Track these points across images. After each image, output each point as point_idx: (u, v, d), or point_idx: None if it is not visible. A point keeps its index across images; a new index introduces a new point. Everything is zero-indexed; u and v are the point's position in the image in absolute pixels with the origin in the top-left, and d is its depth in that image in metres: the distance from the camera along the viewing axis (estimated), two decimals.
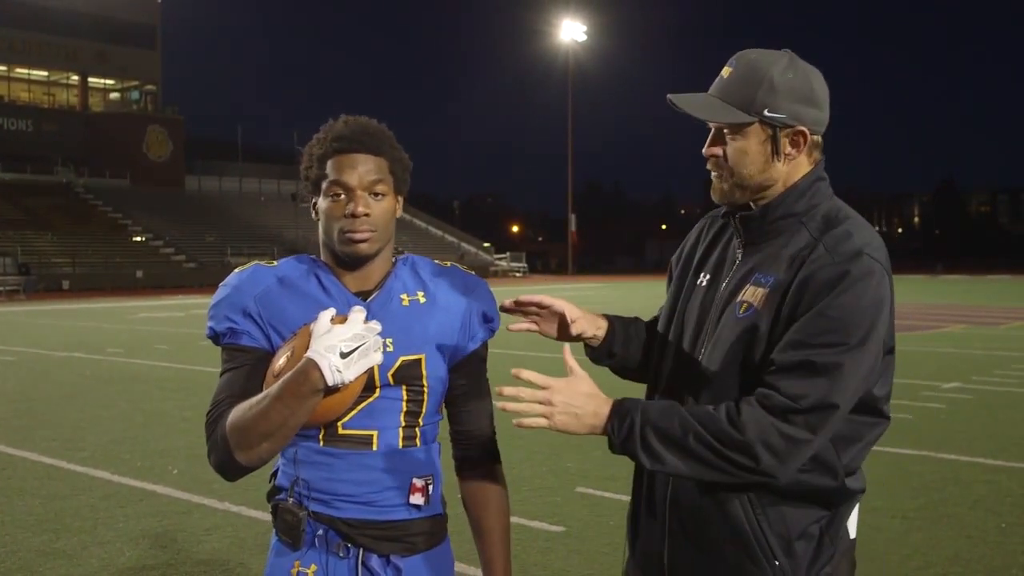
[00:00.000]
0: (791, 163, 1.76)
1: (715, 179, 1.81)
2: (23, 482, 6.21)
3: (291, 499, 1.80)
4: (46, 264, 42.63)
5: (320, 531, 1.79)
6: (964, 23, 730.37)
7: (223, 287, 1.85)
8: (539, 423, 1.65)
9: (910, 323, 19.46)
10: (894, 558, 4.59)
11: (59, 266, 43.22)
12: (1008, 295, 32.22)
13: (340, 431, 1.78)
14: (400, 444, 1.81)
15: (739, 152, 1.75)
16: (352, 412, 1.77)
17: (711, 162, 1.80)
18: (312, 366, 1.60)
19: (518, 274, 59.63)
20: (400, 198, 1.86)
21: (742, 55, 1.78)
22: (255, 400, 1.68)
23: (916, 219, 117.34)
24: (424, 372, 1.82)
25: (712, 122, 1.78)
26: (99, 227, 51.41)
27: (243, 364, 1.79)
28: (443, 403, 1.91)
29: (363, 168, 1.78)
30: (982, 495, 5.72)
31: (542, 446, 6.96)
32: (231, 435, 1.68)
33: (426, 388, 1.83)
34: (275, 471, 1.87)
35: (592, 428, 1.67)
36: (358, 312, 1.65)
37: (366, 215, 1.76)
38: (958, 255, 76.97)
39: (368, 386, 1.76)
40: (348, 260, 1.82)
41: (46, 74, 61.47)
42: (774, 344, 1.67)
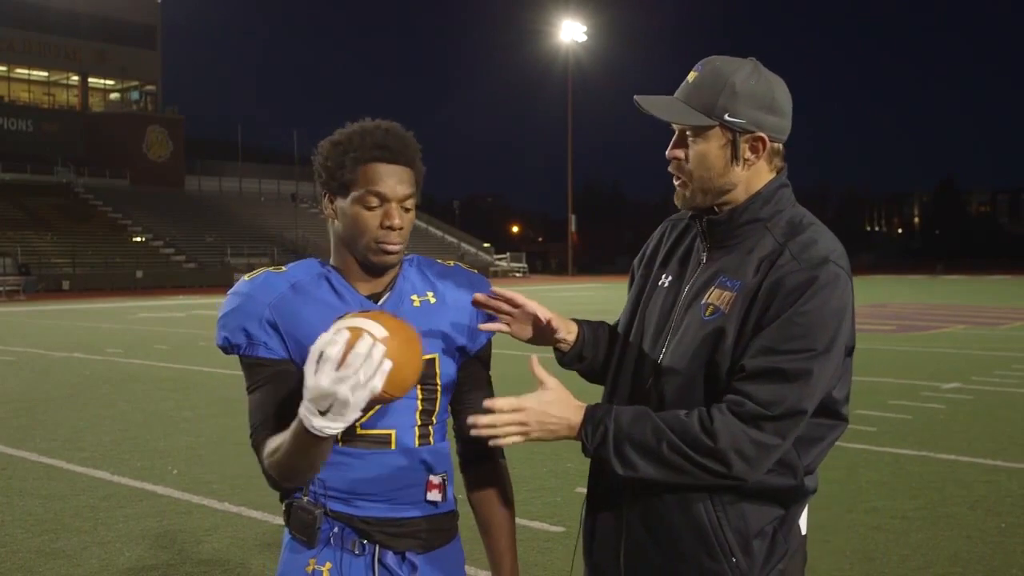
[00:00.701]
0: (750, 168, 1.78)
1: (678, 185, 1.83)
2: (22, 482, 6.22)
3: (306, 498, 1.81)
4: (46, 264, 42.67)
5: (335, 529, 1.81)
6: (965, 23, 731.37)
7: (234, 295, 1.81)
8: (515, 440, 1.68)
9: (910, 323, 19.47)
10: (894, 558, 4.59)
11: (59, 266, 43.26)
12: (1008, 295, 32.23)
13: (358, 431, 1.80)
14: (416, 443, 1.83)
15: (700, 155, 1.78)
16: (369, 413, 1.78)
17: (673, 165, 1.83)
18: (302, 423, 1.58)
19: (518, 274, 59.66)
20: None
21: (708, 61, 1.81)
22: (279, 443, 1.68)
23: (916, 219, 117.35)
24: (438, 371, 1.84)
25: (674, 124, 1.81)
26: (99, 227, 51.47)
27: (267, 381, 1.78)
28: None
29: (400, 180, 1.78)
30: (982, 495, 5.72)
31: (542, 447, 6.95)
32: (272, 471, 1.73)
33: (439, 387, 1.85)
34: None
35: (567, 437, 1.73)
36: (328, 351, 1.50)
37: (400, 228, 1.78)
38: (958, 255, 76.98)
39: None
40: (373, 268, 1.82)
41: (46, 74, 61.56)
42: (740, 347, 1.70)
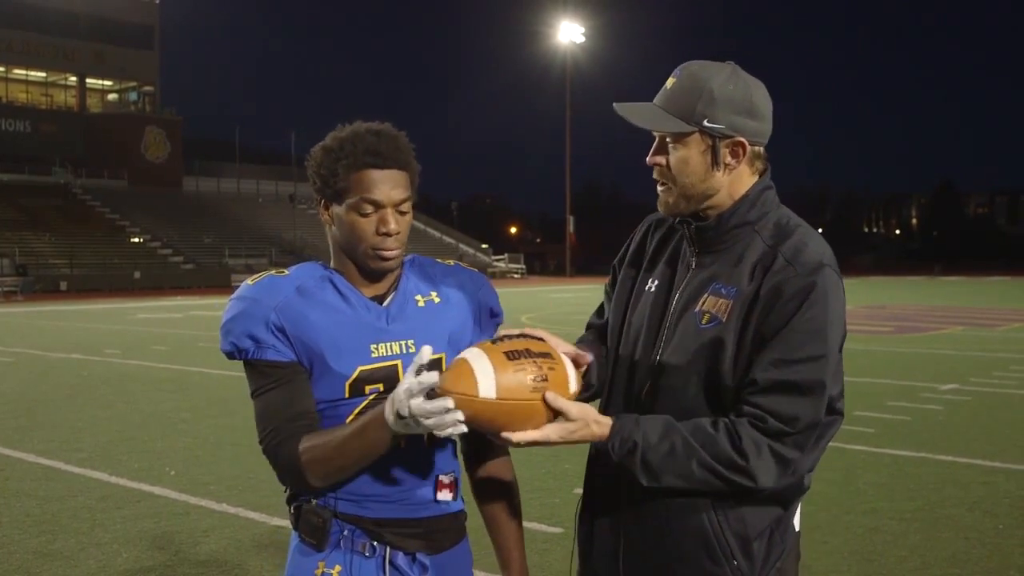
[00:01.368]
0: (731, 173, 1.78)
1: (661, 192, 1.83)
2: (20, 483, 6.21)
3: (315, 501, 1.80)
4: (44, 265, 42.62)
5: (345, 531, 1.80)
6: (963, 24, 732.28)
7: (238, 300, 1.79)
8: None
9: (909, 324, 19.48)
10: (891, 559, 4.59)
11: (57, 267, 43.21)
12: (1006, 297, 32.25)
13: None
14: (426, 443, 1.83)
15: (681, 161, 1.78)
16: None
17: (656, 171, 1.82)
18: (382, 409, 1.66)
19: (516, 275, 59.61)
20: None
21: (686, 66, 1.81)
22: (329, 437, 1.72)
23: (914, 220, 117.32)
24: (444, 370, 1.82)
25: (653, 131, 1.80)
26: (97, 228, 51.41)
27: (279, 382, 1.77)
28: None
29: (394, 185, 1.77)
30: (980, 496, 5.72)
31: (541, 448, 6.94)
32: (314, 466, 1.72)
33: None
34: None
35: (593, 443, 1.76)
36: (427, 380, 1.58)
37: (397, 233, 1.77)
38: (956, 256, 77.00)
39: (393, 388, 1.75)
40: (372, 273, 1.83)
41: (44, 75, 61.46)
42: (743, 355, 1.70)
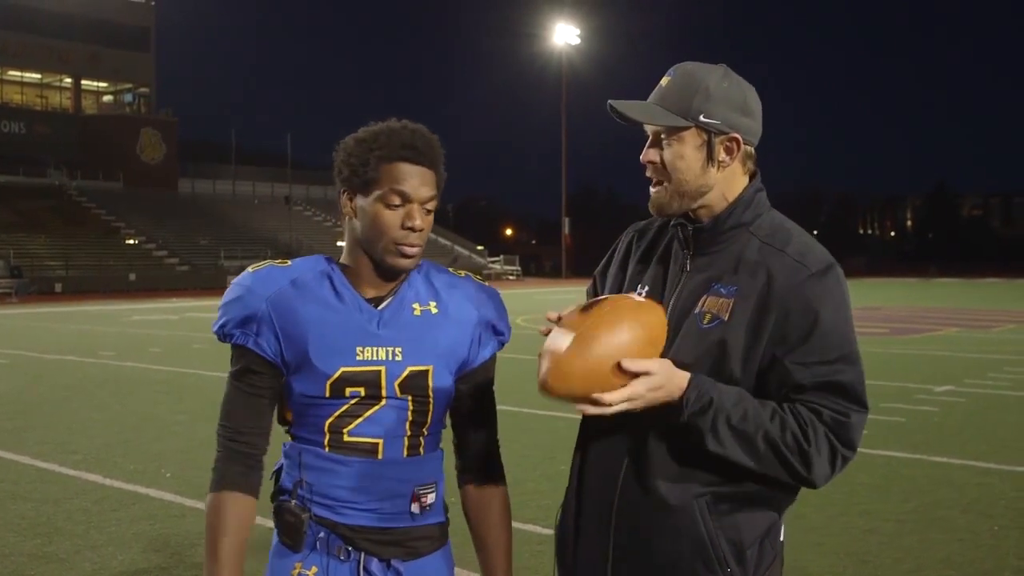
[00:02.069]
0: (725, 170, 1.78)
1: (654, 192, 1.82)
2: (15, 486, 6.19)
3: (293, 501, 1.79)
4: (39, 267, 42.50)
5: (321, 534, 1.79)
6: (959, 27, 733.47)
7: (236, 286, 1.81)
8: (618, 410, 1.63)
9: (903, 326, 19.52)
10: (886, 561, 4.60)
11: (52, 269, 43.10)
12: (1000, 298, 32.33)
13: (346, 438, 1.78)
14: (405, 453, 1.81)
15: (676, 157, 1.77)
16: (358, 420, 1.77)
17: (650, 169, 1.81)
18: None
19: (511, 277, 59.59)
20: None
21: (680, 66, 1.82)
22: (217, 544, 1.74)
23: (909, 222, 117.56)
24: (430, 384, 1.80)
25: (650, 125, 1.80)
26: (92, 230, 51.29)
27: (251, 388, 1.78)
28: (447, 413, 1.90)
29: (424, 182, 1.76)
30: (975, 498, 5.73)
31: (534, 449, 6.96)
32: (207, 511, 1.78)
33: (432, 400, 1.81)
34: (278, 469, 1.86)
35: (667, 402, 1.66)
36: None
37: (421, 229, 1.76)
38: (951, 258, 77.10)
39: (374, 395, 1.76)
40: (386, 271, 1.80)
41: (39, 76, 61.35)
42: (755, 350, 1.69)
